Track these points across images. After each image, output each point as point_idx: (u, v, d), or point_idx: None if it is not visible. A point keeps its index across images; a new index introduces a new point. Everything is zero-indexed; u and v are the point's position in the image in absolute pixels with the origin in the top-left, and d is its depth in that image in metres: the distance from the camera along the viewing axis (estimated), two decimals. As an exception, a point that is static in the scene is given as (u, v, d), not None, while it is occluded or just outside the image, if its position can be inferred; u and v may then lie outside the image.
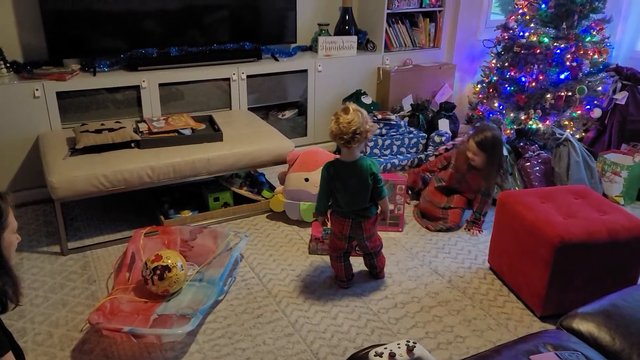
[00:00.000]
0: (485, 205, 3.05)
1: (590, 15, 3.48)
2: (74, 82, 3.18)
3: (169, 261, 2.29)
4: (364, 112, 2.26)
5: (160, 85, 3.39)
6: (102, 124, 2.99)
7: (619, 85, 3.70)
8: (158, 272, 2.26)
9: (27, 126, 3.10)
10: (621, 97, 3.64)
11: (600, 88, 3.55)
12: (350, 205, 2.35)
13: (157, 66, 3.42)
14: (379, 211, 2.43)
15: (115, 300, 2.28)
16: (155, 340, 2.08)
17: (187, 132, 3.06)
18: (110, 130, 2.92)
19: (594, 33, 3.48)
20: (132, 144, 2.93)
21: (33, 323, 2.26)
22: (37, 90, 3.06)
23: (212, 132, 3.14)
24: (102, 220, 3.10)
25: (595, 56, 3.48)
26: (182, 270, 2.33)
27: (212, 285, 2.38)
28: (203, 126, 3.23)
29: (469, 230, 3.06)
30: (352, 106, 2.24)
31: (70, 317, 2.31)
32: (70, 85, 3.16)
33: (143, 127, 3.08)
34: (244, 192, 3.17)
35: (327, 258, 2.75)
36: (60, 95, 3.14)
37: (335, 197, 2.37)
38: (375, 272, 2.59)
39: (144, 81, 3.32)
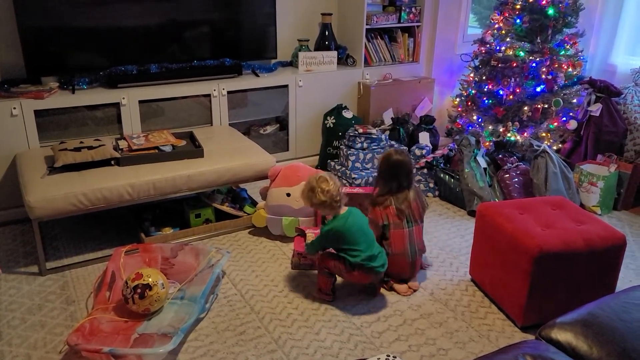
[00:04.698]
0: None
1: (564, 29, 3.57)
2: (52, 100, 3.15)
3: (150, 279, 2.27)
4: (326, 173, 2.47)
5: (140, 102, 3.38)
6: (82, 142, 2.97)
7: (593, 97, 3.79)
8: (139, 290, 2.24)
9: (5, 145, 3.06)
10: (595, 109, 3.72)
11: (575, 100, 3.63)
12: None
13: (137, 83, 3.41)
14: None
15: (94, 320, 2.24)
16: (135, 360, 2.05)
17: (168, 148, 3.05)
18: (90, 148, 2.89)
19: (568, 47, 3.57)
20: (112, 162, 2.91)
21: (10, 345, 2.22)
22: (14, 108, 3.03)
23: (193, 149, 3.13)
24: (81, 239, 3.06)
25: (570, 69, 3.57)
26: (163, 288, 2.31)
27: (194, 303, 2.35)
28: (184, 142, 3.22)
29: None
30: (321, 174, 2.44)
31: (48, 338, 2.26)
32: (49, 103, 3.13)
33: (123, 144, 3.07)
34: (225, 208, 3.17)
35: (310, 273, 2.75)
36: (38, 113, 3.11)
37: None
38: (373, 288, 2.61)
39: (123, 98, 3.31)
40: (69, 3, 3.18)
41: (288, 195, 2.99)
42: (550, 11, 3.45)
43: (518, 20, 3.55)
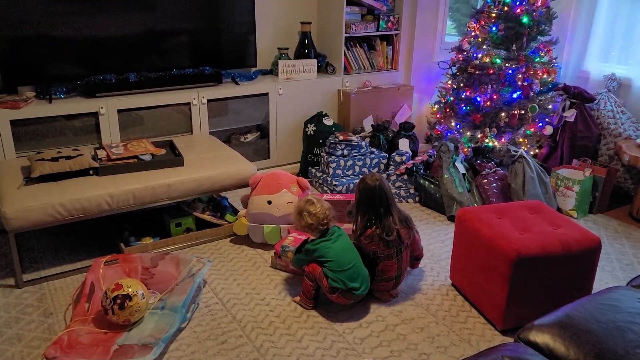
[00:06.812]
0: None
1: (538, 37, 3.65)
2: (29, 109, 3.11)
3: (130, 290, 2.25)
4: (314, 196, 2.55)
5: (119, 111, 3.36)
6: (59, 152, 2.93)
7: (568, 103, 3.87)
8: (118, 301, 2.22)
9: (-20, 155, 3.02)
10: (570, 115, 3.80)
11: (550, 106, 3.71)
12: None
13: (116, 92, 3.39)
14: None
15: (73, 332, 2.21)
16: (115, 372, 2.02)
17: (147, 157, 3.03)
18: (68, 157, 2.86)
19: (542, 54, 3.65)
20: (91, 172, 2.88)
21: (-14, 360, 2.18)
22: (-11, 118, 2.99)
23: (173, 157, 3.11)
24: (59, 250, 3.02)
25: (545, 76, 3.65)
26: (144, 298, 2.29)
27: (175, 313, 2.34)
28: (163, 151, 3.20)
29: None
30: (309, 197, 2.52)
31: (26, 352, 2.22)
32: (25, 113, 3.09)
33: (101, 153, 3.04)
34: (206, 216, 3.15)
35: (289, 279, 2.75)
36: (14, 123, 3.07)
37: None
38: None
39: (102, 107, 3.28)
40: (45, 12, 3.15)
41: (269, 202, 2.99)
42: (525, 19, 3.52)
43: (494, 28, 3.62)
